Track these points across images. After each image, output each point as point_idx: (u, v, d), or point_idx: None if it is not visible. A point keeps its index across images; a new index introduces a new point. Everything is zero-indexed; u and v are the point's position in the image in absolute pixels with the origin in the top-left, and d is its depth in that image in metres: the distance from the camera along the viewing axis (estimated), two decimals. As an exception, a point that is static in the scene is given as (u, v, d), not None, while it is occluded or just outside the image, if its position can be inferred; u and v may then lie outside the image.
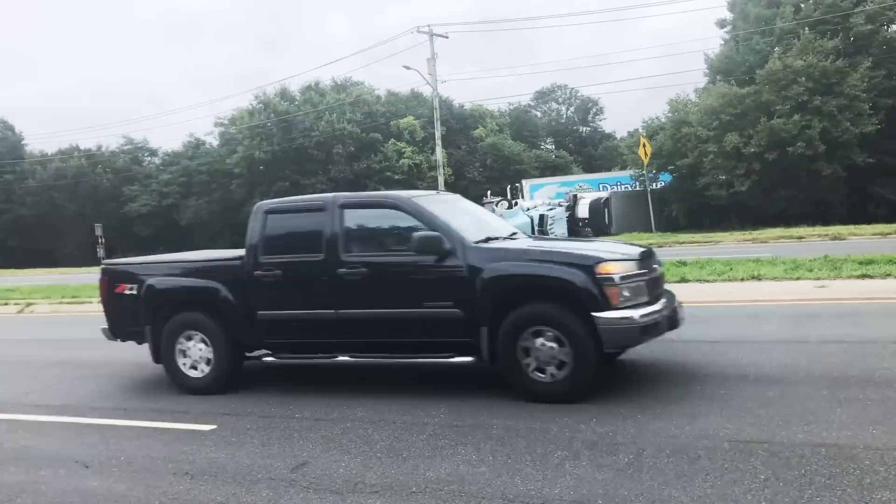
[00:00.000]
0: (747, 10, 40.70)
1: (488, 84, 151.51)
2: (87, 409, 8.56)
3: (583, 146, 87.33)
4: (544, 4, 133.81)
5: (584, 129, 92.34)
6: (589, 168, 76.62)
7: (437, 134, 46.58)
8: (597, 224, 45.62)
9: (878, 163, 36.25)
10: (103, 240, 60.86)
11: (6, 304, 20.87)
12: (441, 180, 46.54)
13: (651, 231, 36.95)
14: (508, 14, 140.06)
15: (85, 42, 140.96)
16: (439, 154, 46.75)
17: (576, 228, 46.36)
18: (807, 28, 36.94)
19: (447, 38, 45.47)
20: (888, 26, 36.19)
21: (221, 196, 66.34)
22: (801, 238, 29.07)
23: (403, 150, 62.61)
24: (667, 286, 14.19)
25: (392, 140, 63.13)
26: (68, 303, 19.92)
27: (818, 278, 13.96)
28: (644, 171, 39.96)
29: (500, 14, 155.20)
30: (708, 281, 14.40)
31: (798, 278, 14.21)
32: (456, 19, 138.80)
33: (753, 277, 14.38)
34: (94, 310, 18.38)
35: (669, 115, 43.62)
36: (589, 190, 52.85)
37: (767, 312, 11.56)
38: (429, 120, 64.56)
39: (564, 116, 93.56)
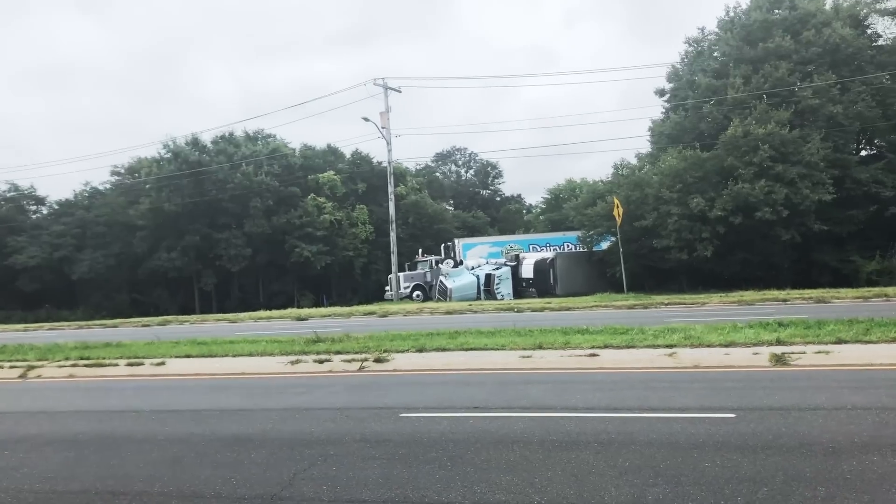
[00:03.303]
0: (698, 81, 42.15)
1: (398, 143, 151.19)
2: None
3: (484, 208, 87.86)
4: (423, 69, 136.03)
5: (485, 191, 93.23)
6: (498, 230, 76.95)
7: (391, 188, 44.92)
8: (542, 285, 45.26)
9: (827, 231, 37.84)
10: (-16, 295, 54.58)
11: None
12: (393, 236, 44.75)
13: (623, 292, 36.62)
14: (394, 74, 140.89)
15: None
16: (392, 209, 45.07)
17: (519, 289, 45.86)
18: (764, 97, 38.55)
19: (400, 91, 44.28)
20: (834, 103, 38.25)
21: (121, 249, 61.49)
22: (785, 301, 29.39)
23: (324, 205, 60.42)
24: (827, 347, 13.59)
25: (312, 195, 60.83)
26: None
27: None
28: (615, 232, 39.95)
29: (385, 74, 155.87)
30: (872, 342, 13.74)
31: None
32: (340, 80, 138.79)
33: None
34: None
35: (620, 177, 44.17)
36: (519, 250, 52.68)
37: None
38: (349, 176, 63.03)
39: (464, 178, 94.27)
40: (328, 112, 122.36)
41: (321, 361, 15.05)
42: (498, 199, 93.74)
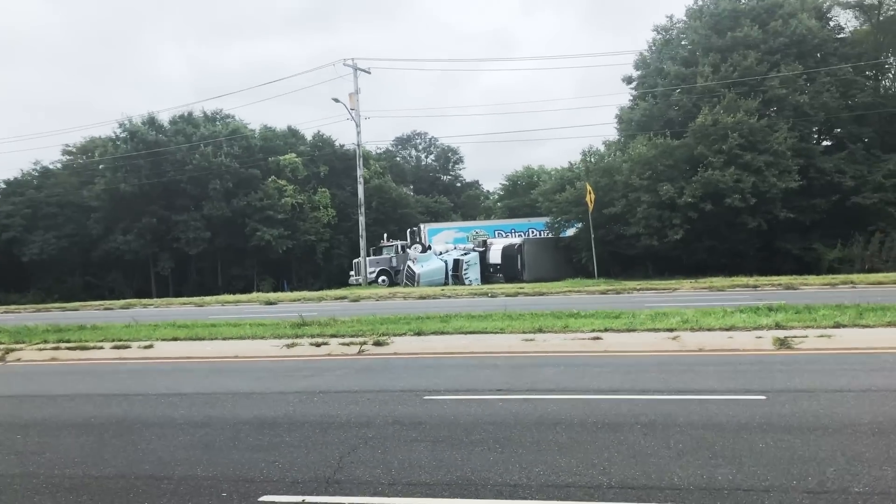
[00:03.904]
0: (667, 69, 42.48)
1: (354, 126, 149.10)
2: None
3: (445, 193, 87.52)
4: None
5: (445, 177, 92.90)
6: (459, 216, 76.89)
7: (360, 171, 44.54)
8: (510, 270, 45.31)
9: (792, 219, 38.55)
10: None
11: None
12: (362, 220, 44.32)
13: (591, 277, 36.89)
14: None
15: None
16: (361, 192, 44.63)
17: (486, 274, 45.86)
18: (731, 88, 39.06)
19: (370, 72, 43.75)
20: (800, 93, 39.02)
21: (74, 230, 59.83)
22: (755, 287, 29.86)
23: (285, 188, 59.55)
24: (827, 332, 13.76)
25: (272, 177, 59.88)
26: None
27: None
28: (583, 218, 40.19)
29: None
30: (869, 326, 13.96)
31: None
32: (297, 62, 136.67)
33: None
34: None
35: (588, 164, 44.38)
36: (486, 236, 52.66)
37: None
38: (310, 158, 62.24)
39: (424, 163, 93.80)
40: (288, 94, 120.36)
41: (318, 345, 14.76)
42: (458, 184, 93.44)
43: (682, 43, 45.14)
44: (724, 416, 8.11)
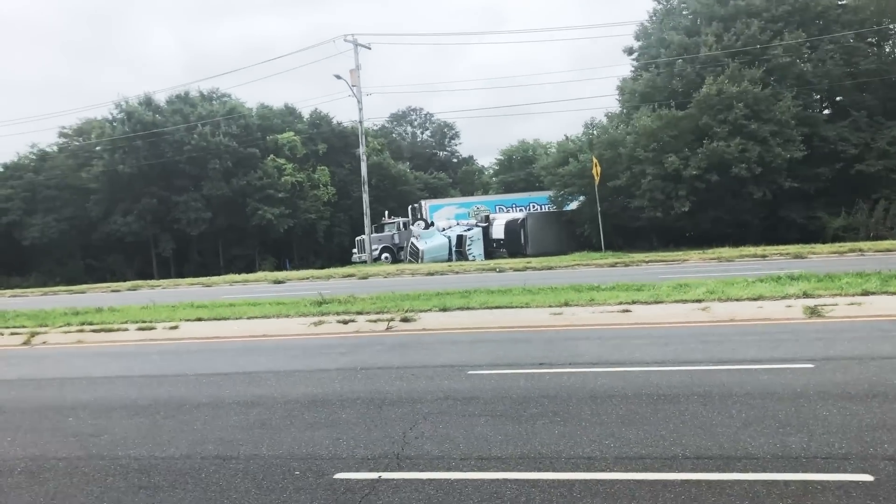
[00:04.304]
0: (669, 39, 42.20)
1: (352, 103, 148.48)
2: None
3: (442, 169, 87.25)
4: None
5: (442, 152, 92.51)
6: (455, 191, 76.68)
7: (362, 148, 44.30)
8: (513, 245, 45.27)
9: (795, 188, 38.49)
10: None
11: None
12: (366, 197, 44.14)
13: (595, 250, 36.92)
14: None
15: None
16: (364, 170, 44.40)
17: (489, 249, 45.83)
18: (735, 58, 38.85)
19: (370, 48, 43.40)
20: (803, 61, 38.93)
21: (74, 213, 59.55)
22: (763, 256, 29.92)
23: (284, 166, 59.24)
24: (856, 299, 13.79)
25: (271, 156, 59.55)
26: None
27: None
28: (586, 191, 40.10)
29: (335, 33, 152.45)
30: (897, 293, 13.99)
31: None
32: (289, 39, 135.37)
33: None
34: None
35: (590, 137, 44.23)
36: (487, 211, 52.55)
37: None
38: (308, 137, 61.88)
39: (420, 139, 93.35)
40: (284, 73, 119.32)
41: (345, 322, 14.72)
42: (455, 160, 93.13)
43: (684, 13, 44.82)
44: (778, 385, 8.12)
